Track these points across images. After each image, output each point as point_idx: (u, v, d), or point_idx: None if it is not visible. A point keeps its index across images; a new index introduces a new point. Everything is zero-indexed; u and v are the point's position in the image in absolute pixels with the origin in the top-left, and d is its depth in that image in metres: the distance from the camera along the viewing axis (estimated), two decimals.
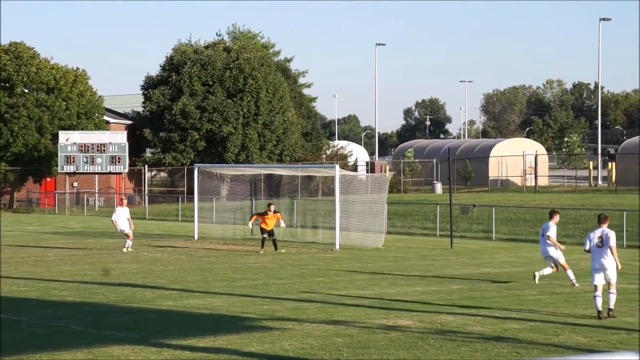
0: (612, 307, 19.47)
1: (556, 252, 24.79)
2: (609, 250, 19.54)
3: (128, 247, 35.58)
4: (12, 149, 69.98)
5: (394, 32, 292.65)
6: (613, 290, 19.57)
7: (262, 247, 35.07)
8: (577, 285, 24.26)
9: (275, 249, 35.16)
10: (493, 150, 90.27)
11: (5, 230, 48.36)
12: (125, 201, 37.63)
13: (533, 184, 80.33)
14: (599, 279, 19.57)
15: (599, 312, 19.39)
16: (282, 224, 36.09)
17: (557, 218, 25.08)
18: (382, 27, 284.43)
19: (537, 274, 25.12)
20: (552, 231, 24.74)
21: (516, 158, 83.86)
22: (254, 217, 36.75)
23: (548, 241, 24.73)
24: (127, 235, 35.75)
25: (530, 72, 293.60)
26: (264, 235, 35.20)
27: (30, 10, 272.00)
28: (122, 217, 35.97)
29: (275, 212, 35.78)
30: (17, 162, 70.71)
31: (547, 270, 25.13)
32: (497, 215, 43.65)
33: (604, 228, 19.77)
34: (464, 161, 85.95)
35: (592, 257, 19.80)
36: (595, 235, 19.74)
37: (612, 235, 19.63)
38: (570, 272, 24.76)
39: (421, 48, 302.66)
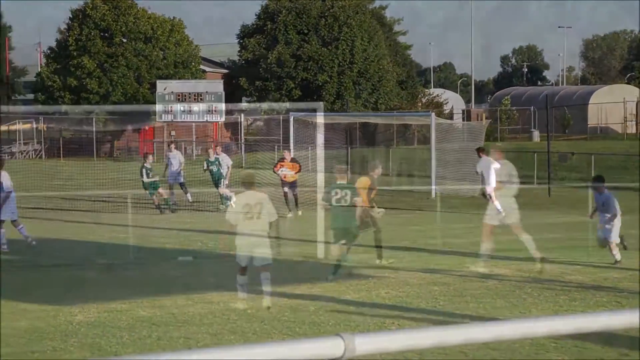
0: None
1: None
2: None
3: (231, 204, 33.32)
4: (111, 98, 71.21)
5: None
6: None
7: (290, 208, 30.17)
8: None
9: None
10: (592, 97, 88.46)
11: (105, 178, 49.26)
12: (219, 148, 35.80)
13: (634, 131, 78.65)
14: None
15: None
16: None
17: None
18: None
19: None
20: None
21: (616, 105, 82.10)
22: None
23: None
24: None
25: (632, 16, 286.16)
26: (285, 189, 30.63)
27: None
28: (222, 167, 33.71)
29: (293, 160, 30.90)
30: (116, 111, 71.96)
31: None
32: (596, 163, 42.89)
33: None
34: (562, 108, 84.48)
35: None
36: None
37: None
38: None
39: None
